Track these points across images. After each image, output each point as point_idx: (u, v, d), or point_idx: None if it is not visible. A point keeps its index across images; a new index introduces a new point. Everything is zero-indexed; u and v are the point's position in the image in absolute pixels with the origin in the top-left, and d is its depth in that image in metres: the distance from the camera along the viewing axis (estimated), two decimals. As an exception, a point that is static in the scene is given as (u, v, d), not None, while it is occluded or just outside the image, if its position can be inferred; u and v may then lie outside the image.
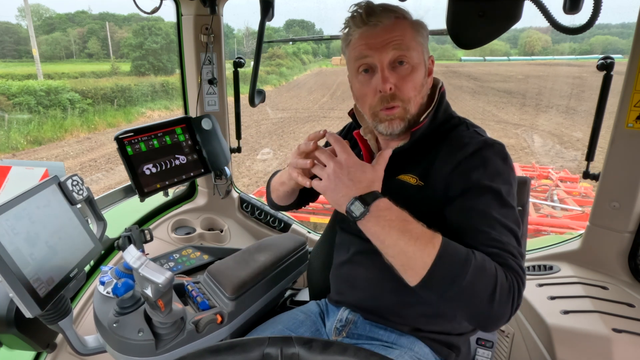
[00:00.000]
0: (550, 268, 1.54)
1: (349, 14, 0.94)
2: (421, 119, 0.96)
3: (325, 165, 0.83)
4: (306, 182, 0.88)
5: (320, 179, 0.83)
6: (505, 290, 0.74)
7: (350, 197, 0.78)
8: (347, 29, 0.95)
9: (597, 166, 1.43)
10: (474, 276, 0.72)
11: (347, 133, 1.22)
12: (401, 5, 0.95)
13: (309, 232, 2.03)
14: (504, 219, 0.83)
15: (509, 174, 0.89)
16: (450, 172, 0.89)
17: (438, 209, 0.90)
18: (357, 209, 0.77)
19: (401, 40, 0.90)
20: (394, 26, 0.90)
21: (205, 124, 1.59)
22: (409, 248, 0.74)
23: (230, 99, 1.92)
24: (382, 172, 0.85)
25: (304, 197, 1.21)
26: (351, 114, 1.13)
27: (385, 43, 0.89)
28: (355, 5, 0.93)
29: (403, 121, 0.94)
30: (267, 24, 1.60)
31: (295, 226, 2.04)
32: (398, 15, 0.92)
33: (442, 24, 1.14)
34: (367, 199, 0.78)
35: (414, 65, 0.92)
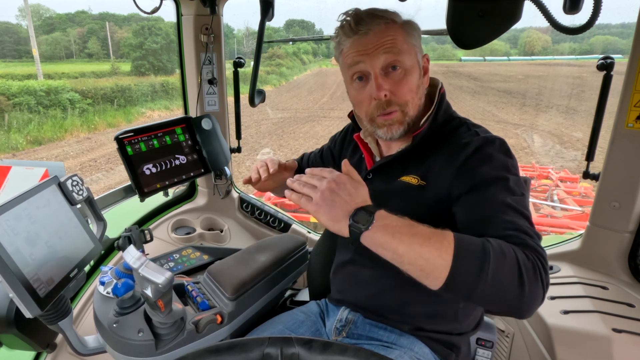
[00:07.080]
0: (550, 268, 1.54)
1: (338, 23, 0.94)
2: (421, 123, 0.96)
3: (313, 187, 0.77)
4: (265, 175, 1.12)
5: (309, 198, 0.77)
6: (531, 269, 0.71)
7: (350, 211, 0.73)
8: (337, 38, 0.95)
9: (597, 166, 1.43)
10: (496, 263, 0.69)
11: (347, 135, 1.22)
12: (391, 7, 0.95)
13: (309, 232, 2.03)
14: (516, 204, 0.81)
15: (514, 166, 0.89)
16: (455, 172, 0.88)
17: (440, 209, 0.90)
18: (363, 218, 0.72)
19: (392, 44, 0.89)
20: (385, 31, 0.90)
21: (205, 124, 1.59)
22: (425, 249, 0.70)
23: (230, 99, 1.92)
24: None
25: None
26: (351, 116, 1.13)
27: (376, 48, 0.89)
28: (344, 14, 0.93)
29: (402, 125, 0.95)
30: (267, 24, 1.60)
31: (295, 226, 2.04)
32: (387, 20, 0.91)
33: (442, 24, 1.14)
34: (369, 209, 0.74)
35: (407, 69, 0.91)
